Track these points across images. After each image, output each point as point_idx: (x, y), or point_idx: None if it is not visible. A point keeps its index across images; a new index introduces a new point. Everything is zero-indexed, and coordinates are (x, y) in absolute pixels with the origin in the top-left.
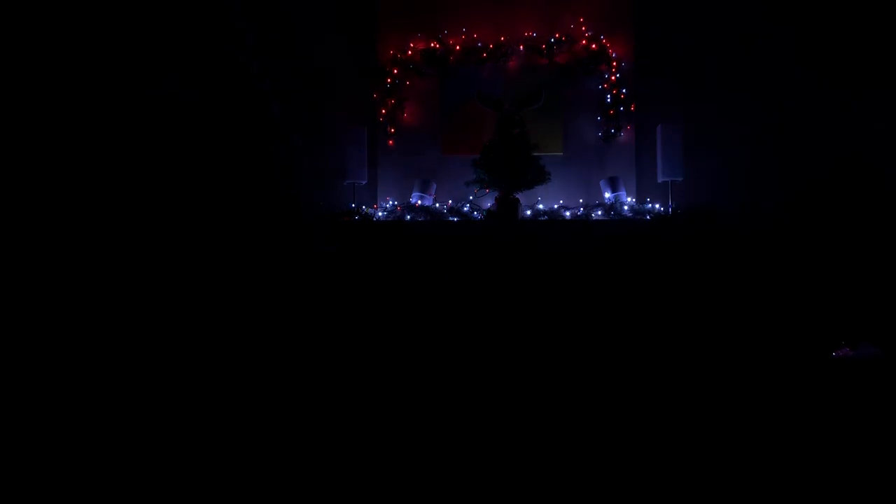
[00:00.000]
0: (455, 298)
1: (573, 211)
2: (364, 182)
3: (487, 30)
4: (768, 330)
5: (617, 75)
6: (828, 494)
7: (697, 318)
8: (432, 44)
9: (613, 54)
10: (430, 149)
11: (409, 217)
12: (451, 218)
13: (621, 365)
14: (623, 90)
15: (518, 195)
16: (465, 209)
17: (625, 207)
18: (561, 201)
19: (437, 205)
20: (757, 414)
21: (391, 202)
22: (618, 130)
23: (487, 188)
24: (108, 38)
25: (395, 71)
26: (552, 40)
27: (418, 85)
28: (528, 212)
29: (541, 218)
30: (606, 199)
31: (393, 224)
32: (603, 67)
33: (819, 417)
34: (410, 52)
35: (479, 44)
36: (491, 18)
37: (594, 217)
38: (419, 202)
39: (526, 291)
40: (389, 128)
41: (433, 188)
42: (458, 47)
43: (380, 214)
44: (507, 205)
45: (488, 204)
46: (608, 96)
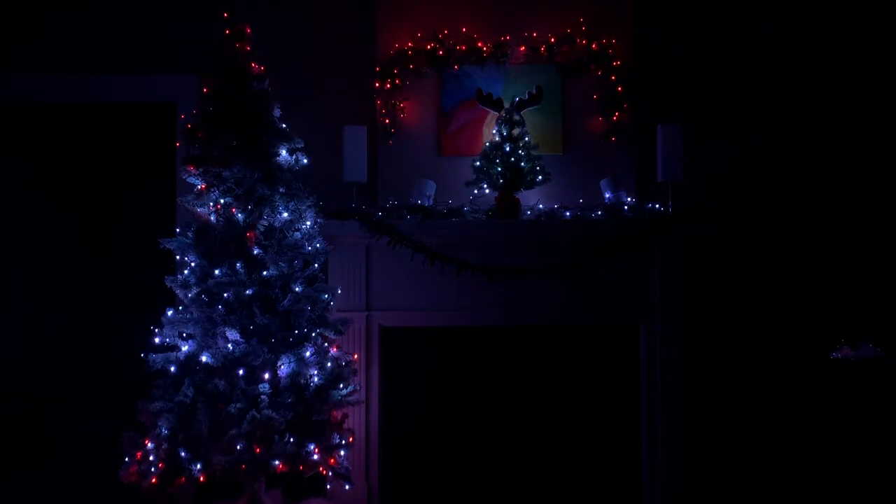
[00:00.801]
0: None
1: (573, 211)
2: (364, 182)
3: (487, 30)
4: (768, 329)
5: (617, 75)
6: (828, 494)
7: (697, 318)
8: (432, 44)
9: (613, 54)
10: (430, 149)
11: (409, 217)
12: (451, 218)
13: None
14: (623, 90)
15: (518, 195)
16: (465, 209)
17: (625, 207)
18: (561, 201)
19: (437, 205)
20: (757, 414)
21: (391, 202)
22: (618, 130)
23: (487, 188)
24: None
25: (395, 71)
26: (552, 40)
27: (418, 85)
28: (528, 212)
29: (541, 218)
30: (606, 199)
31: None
32: (603, 67)
33: (819, 417)
34: (410, 52)
35: (479, 44)
36: (491, 18)
37: (594, 217)
38: (419, 202)
39: (526, 290)
40: (389, 128)
41: (433, 188)
42: (458, 47)
43: (380, 214)
44: (508, 205)
45: (488, 204)
46: (608, 96)
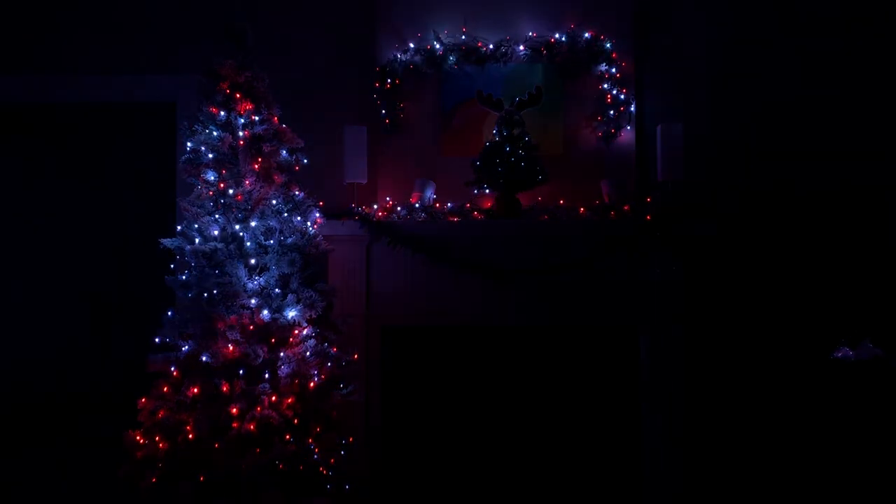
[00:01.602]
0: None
1: (573, 211)
2: (364, 182)
3: (487, 30)
4: (768, 329)
5: (617, 75)
6: (828, 494)
7: (697, 318)
8: (432, 44)
9: (613, 54)
10: (430, 149)
11: (409, 217)
12: (451, 218)
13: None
14: (623, 90)
15: (518, 195)
16: (466, 209)
17: (625, 207)
18: (561, 201)
19: (437, 205)
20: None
21: (391, 202)
22: (618, 130)
23: (487, 188)
24: None
25: (395, 71)
26: (552, 40)
27: (418, 85)
28: (529, 212)
29: (541, 218)
30: (606, 200)
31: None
32: (603, 67)
33: (819, 417)
34: (410, 52)
35: (479, 44)
36: (491, 18)
37: (594, 217)
38: (419, 202)
39: (526, 290)
40: (389, 128)
41: (433, 188)
42: (458, 47)
43: (380, 214)
44: (507, 205)
45: (488, 204)
46: (608, 96)
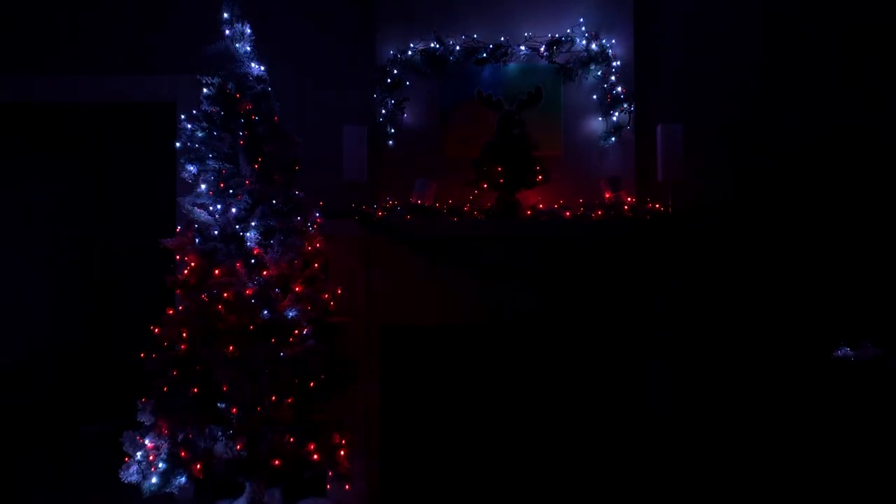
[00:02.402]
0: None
1: (573, 211)
2: (364, 182)
3: (487, 30)
4: (769, 329)
5: (617, 75)
6: (828, 494)
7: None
8: (432, 44)
9: (613, 54)
10: (430, 149)
11: (409, 217)
12: (451, 218)
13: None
14: (623, 90)
15: (518, 195)
16: (465, 209)
17: (625, 207)
18: (561, 201)
19: (437, 205)
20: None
21: (391, 202)
22: (618, 130)
23: (487, 188)
24: None
25: (395, 71)
26: (552, 40)
27: (418, 85)
28: (529, 212)
29: (541, 218)
30: (606, 199)
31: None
32: (603, 67)
33: (819, 417)
34: (410, 52)
35: (479, 44)
36: (490, 18)
37: (594, 217)
38: (419, 202)
39: (526, 290)
40: (389, 127)
41: (433, 188)
42: (458, 47)
43: (380, 214)
44: (507, 205)
45: (488, 204)
46: (608, 96)
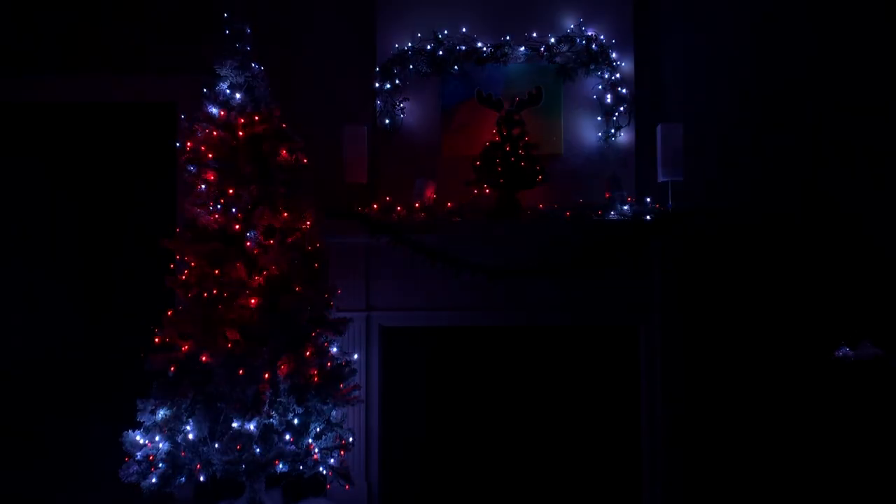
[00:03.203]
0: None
1: (573, 211)
2: (364, 182)
3: (487, 30)
4: (768, 329)
5: (617, 75)
6: (828, 494)
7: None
8: (432, 44)
9: (613, 54)
10: (430, 149)
11: (409, 217)
12: (451, 218)
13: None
14: (623, 90)
15: (518, 195)
16: (465, 209)
17: (625, 207)
18: (561, 201)
19: (437, 205)
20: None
21: (391, 202)
22: (618, 130)
23: (487, 188)
24: None
25: (395, 71)
26: (552, 40)
27: (418, 85)
28: (529, 212)
29: (540, 218)
30: (606, 200)
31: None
32: (603, 67)
33: (819, 417)
34: (410, 52)
35: (479, 44)
36: (491, 18)
37: (594, 217)
38: (419, 202)
39: (526, 290)
40: (389, 128)
41: (433, 188)
42: (458, 47)
43: (379, 215)
44: (507, 205)
45: (488, 204)
46: (608, 96)
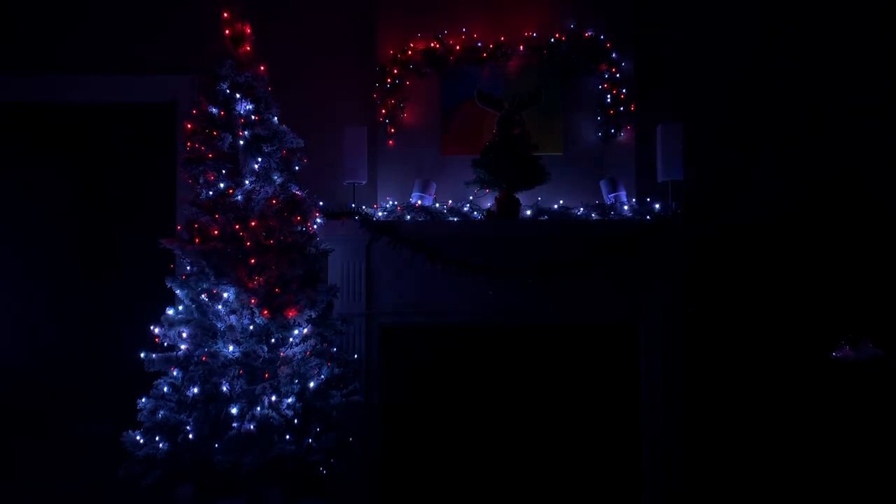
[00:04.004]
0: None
1: (573, 211)
2: (364, 182)
3: (487, 30)
4: (768, 329)
5: (617, 75)
6: (828, 494)
7: (697, 318)
8: (432, 44)
9: (613, 54)
10: (430, 149)
11: (409, 217)
12: (451, 218)
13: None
14: (623, 90)
15: (518, 195)
16: (465, 209)
17: (625, 207)
18: (561, 201)
19: (437, 205)
20: (757, 414)
21: (391, 202)
22: (618, 130)
23: (487, 188)
24: None
25: (395, 71)
26: (552, 40)
27: (418, 85)
28: (528, 212)
29: (541, 218)
30: (606, 199)
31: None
32: (603, 67)
33: (819, 417)
34: (410, 52)
35: (479, 44)
36: (491, 18)
37: (594, 217)
38: (419, 202)
39: (526, 290)
40: (389, 128)
41: (433, 188)
42: (458, 47)
43: (379, 214)
44: (507, 205)
45: (488, 204)
46: (608, 96)
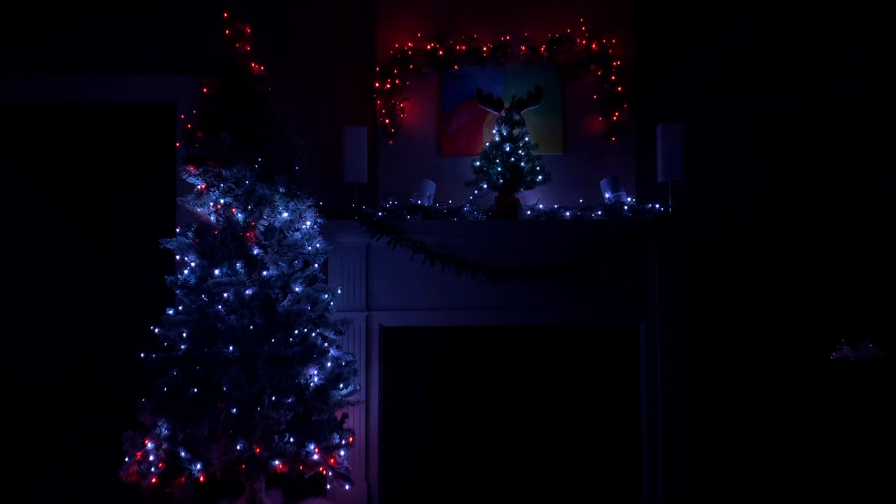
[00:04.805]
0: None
1: (573, 211)
2: (364, 182)
3: (487, 30)
4: (768, 329)
5: (617, 75)
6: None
7: (697, 318)
8: (432, 44)
9: (613, 54)
10: (430, 149)
11: (409, 217)
12: (451, 218)
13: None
14: (623, 90)
15: (518, 195)
16: (465, 209)
17: (625, 207)
18: (561, 201)
19: (437, 205)
20: (757, 413)
21: (391, 202)
22: (618, 130)
23: (487, 188)
24: None
25: (395, 71)
26: (552, 40)
27: (418, 85)
28: (528, 212)
29: (541, 218)
30: (606, 199)
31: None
32: (603, 67)
33: (819, 417)
34: (410, 52)
35: (479, 44)
36: (491, 18)
37: (594, 217)
38: (419, 202)
39: (526, 290)
40: (389, 128)
41: (433, 188)
42: (458, 47)
43: (380, 214)
44: (507, 205)
45: (488, 204)
46: (608, 96)
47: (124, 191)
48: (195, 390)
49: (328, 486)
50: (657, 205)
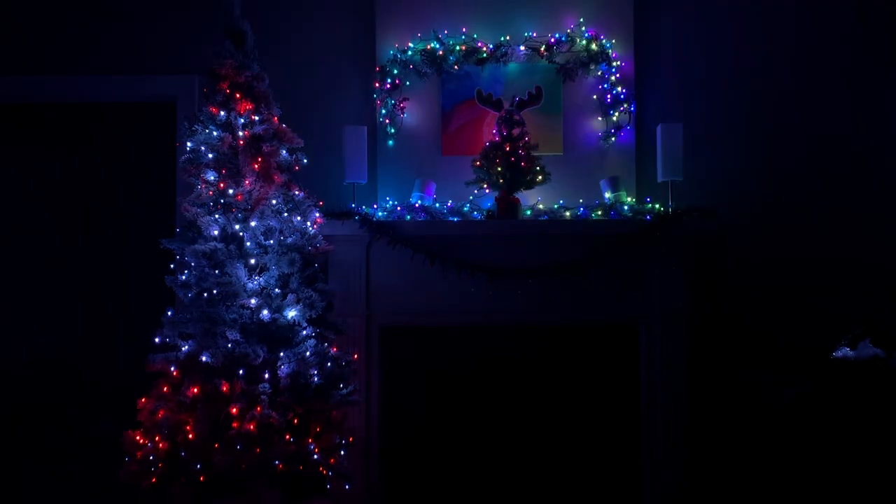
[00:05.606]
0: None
1: (573, 211)
2: (364, 182)
3: (487, 30)
4: (768, 329)
5: (617, 75)
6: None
7: (697, 318)
8: (432, 44)
9: (613, 54)
10: (430, 149)
11: (409, 217)
12: (451, 218)
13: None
14: (623, 90)
15: (518, 195)
16: (466, 209)
17: (625, 207)
18: (561, 201)
19: (437, 205)
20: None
21: (391, 202)
22: (618, 130)
23: (487, 188)
24: None
25: (395, 71)
26: (552, 40)
27: (418, 85)
28: (529, 212)
29: (540, 218)
30: (606, 200)
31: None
32: (603, 67)
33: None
34: (410, 52)
35: (479, 44)
36: (491, 18)
37: (594, 217)
38: (419, 202)
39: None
40: (389, 128)
41: (433, 188)
42: (458, 47)
43: (379, 214)
44: (507, 205)
45: (488, 204)
46: (608, 96)
47: (124, 190)
48: (195, 390)
49: (328, 486)
50: (657, 205)
